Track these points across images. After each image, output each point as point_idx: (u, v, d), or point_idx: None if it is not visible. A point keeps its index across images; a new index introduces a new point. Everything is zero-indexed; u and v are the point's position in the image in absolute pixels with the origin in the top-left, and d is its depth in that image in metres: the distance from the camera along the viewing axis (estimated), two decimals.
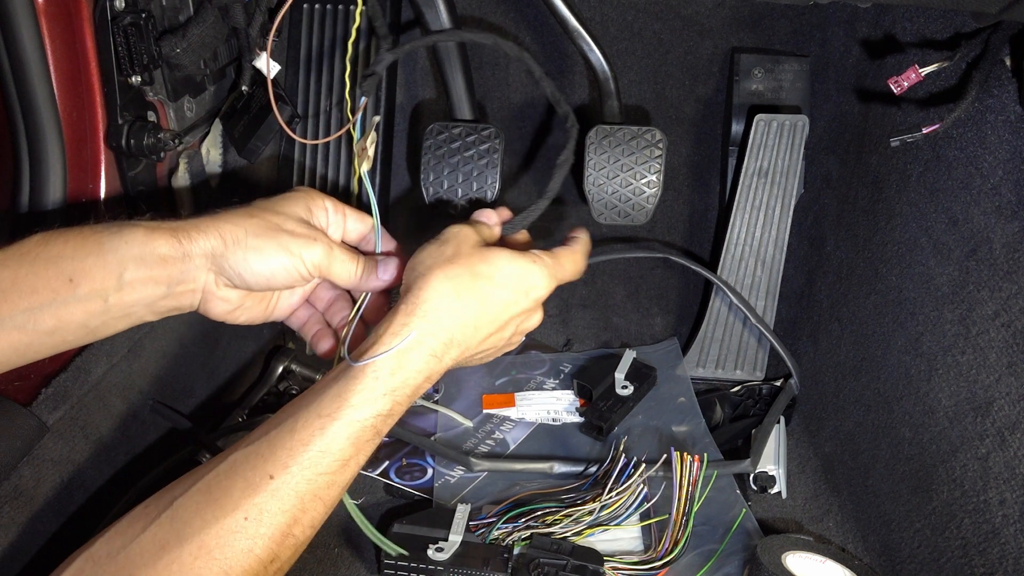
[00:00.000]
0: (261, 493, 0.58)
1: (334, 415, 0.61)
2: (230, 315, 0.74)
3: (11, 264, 0.64)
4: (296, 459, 0.59)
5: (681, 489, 0.94)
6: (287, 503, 0.59)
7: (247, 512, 0.57)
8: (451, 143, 1.09)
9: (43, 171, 0.92)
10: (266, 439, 0.61)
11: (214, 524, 0.56)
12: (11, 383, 0.85)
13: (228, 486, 0.58)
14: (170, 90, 1.03)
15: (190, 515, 0.57)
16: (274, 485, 0.58)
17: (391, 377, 0.64)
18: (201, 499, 0.58)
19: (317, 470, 0.60)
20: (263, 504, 0.58)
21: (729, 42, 1.29)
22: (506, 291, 0.69)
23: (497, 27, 1.32)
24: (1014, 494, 0.78)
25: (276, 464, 0.59)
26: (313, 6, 1.19)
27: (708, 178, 1.35)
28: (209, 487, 0.59)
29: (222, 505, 0.57)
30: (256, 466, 0.59)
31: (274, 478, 0.59)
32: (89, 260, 0.65)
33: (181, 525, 0.56)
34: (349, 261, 0.73)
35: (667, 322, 1.35)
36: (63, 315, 0.65)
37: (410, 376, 0.65)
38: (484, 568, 0.86)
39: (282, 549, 0.59)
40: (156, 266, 0.67)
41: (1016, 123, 0.86)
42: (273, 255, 0.69)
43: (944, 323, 0.92)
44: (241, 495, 0.58)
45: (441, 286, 0.66)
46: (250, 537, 0.57)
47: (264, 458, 0.59)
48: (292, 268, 0.70)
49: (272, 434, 0.61)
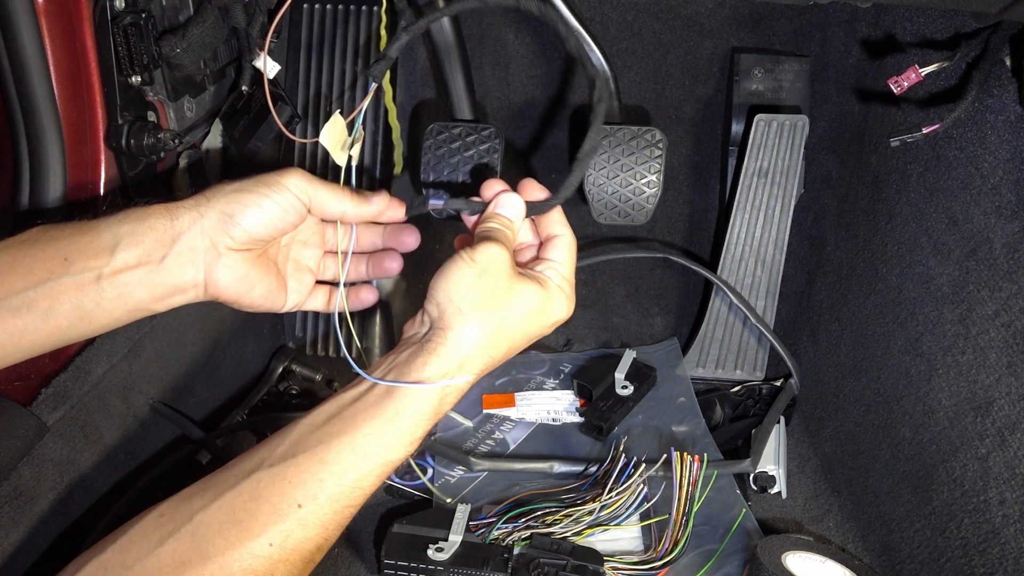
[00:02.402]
0: (288, 521, 0.57)
1: (370, 455, 0.60)
2: (241, 291, 0.71)
3: (10, 250, 0.65)
4: (327, 492, 0.59)
5: (681, 489, 0.94)
6: (313, 532, 0.58)
7: (272, 539, 0.57)
8: (451, 143, 1.09)
9: (43, 171, 0.92)
10: (294, 464, 0.59)
11: (238, 547, 0.56)
12: (11, 383, 0.85)
13: (254, 509, 0.57)
14: (170, 90, 1.03)
15: (212, 534, 0.56)
16: (302, 515, 0.58)
17: (428, 421, 0.63)
18: (224, 519, 0.57)
19: (346, 503, 0.60)
20: (289, 532, 0.57)
21: (729, 42, 1.29)
22: (534, 326, 0.68)
23: (497, 23, 1.32)
24: (1014, 494, 0.78)
25: (306, 494, 0.58)
26: (313, 6, 1.19)
27: (708, 178, 1.35)
28: (233, 507, 0.57)
29: (248, 528, 0.56)
30: (284, 493, 0.58)
31: (303, 507, 0.58)
32: (84, 239, 0.65)
33: (204, 544, 0.55)
34: (332, 185, 0.72)
35: (667, 322, 1.35)
36: (57, 293, 0.64)
37: (443, 412, 0.64)
38: (484, 568, 0.86)
39: (304, 572, 0.59)
40: (148, 237, 0.66)
41: (1016, 123, 0.86)
42: (256, 189, 0.69)
43: (944, 323, 0.92)
44: (267, 521, 0.57)
45: (481, 332, 0.64)
46: (273, 563, 0.56)
47: (293, 485, 0.58)
48: (278, 198, 0.69)
49: (300, 459, 0.59)
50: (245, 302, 0.72)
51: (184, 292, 0.69)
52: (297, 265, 0.76)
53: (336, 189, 0.72)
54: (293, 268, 0.76)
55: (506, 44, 1.32)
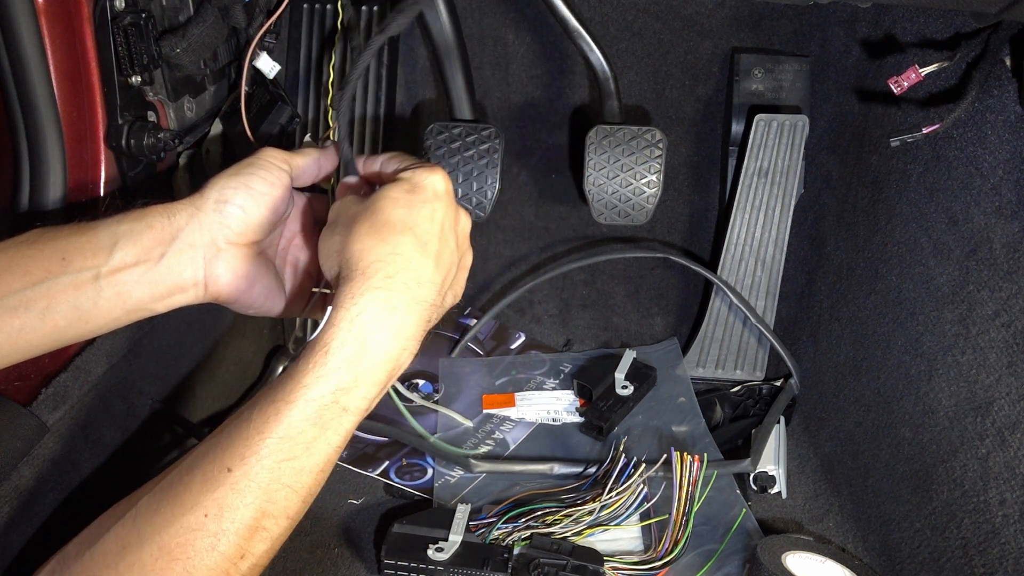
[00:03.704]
0: (220, 488, 0.55)
1: (288, 398, 0.58)
2: (242, 289, 0.70)
3: (8, 250, 0.64)
4: (253, 449, 0.56)
5: (681, 489, 0.94)
6: (249, 496, 0.56)
7: (207, 509, 0.55)
8: (451, 143, 1.09)
9: (43, 171, 0.92)
10: (225, 431, 0.58)
11: (173, 523, 0.54)
12: (11, 383, 0.84)
13: (188, 482, 0.56)
14: (170, 90, 1.02)
15: (150, 514, 0.55)
16: (233, 478, 0.56)
17: (343, 347, 0.59)
18: (161, 497, 0.56)
19: (278, 458, 0.57)
20: (223, 499, 0.55)
21: (729, 42, 1.29)
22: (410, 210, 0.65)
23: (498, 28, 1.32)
24: (1014, 494, 0.78)
25: (233, 456, 0.56)
26: (313, 6, 1.19)
27: (708, 178, 1.35)
28: (171, 484, 0.56)
29: (182, 502, 0.55)
30: (214, 459, 0.56)
31: (232, 471, 0.56)
32: (82, 239, 0.65)
33: (142, 524, 0.55)
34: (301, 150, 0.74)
35: (667, 322, 1.35)
36: (54, 292, 0.64)
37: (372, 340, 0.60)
38: (484, 568, 0.86)
39: (252, 544, 0.56)
40: (146, 236, 0.66)
41: (1016, 123, 0.86)
42: (241, 169, 0.70)
43: (944, 323, 0.92)
44: (200, 491, 0.55)
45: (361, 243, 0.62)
46: (211, 534, 0.55)
47: (222, 449, 0.57)
48: (264, 173, 0.70)
49: (232, 425, 0.58)
50: (244, 301, 0.71)
51: (184, 291, 0.69)
52: (295, 270, 0.77)
53: (305, 151, 0.73)
54: (291, 272, 0.77)
55: (506, 44, 1.32)
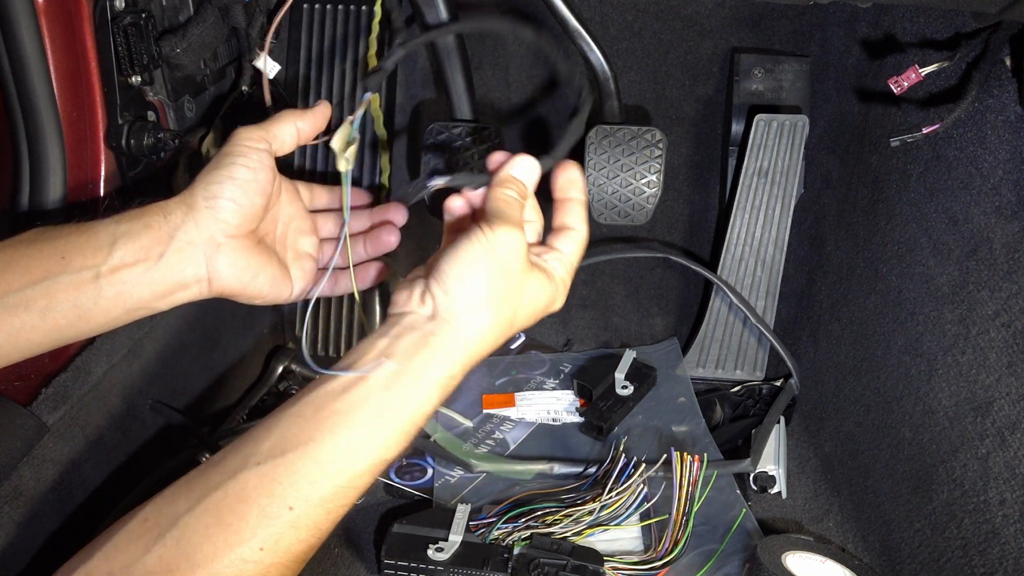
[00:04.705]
0: (279, 524, 0.55)
1: (367, 454, 0.57)
2: (246, 281, 0.70)
3: (8, 250, 0.65)
4: (320, 493, 0.56)
5: (681, 489, 0.94)
6: (305, 533, 0.56)
7: (263, 543, 0.54)
8: (451, 143, 1.09)
9: (43, 171, 0.92)
10: (284, 463, 0.56)
11: (227, 552, 0.53)
12: (11, 383, 0.85)
13: (242, 512, 0.54)
14: (170, 90, 1.03)
15: (200, 539, 0.54)
16: (293, 517, 0.55)
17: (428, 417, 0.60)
18: (211, 522, 0.54)
19: (340, 503, 0.57)
20: (281, 535, 0.55)
21: (729, 42, 1.29)
22: (534, 318, 0.66)
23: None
24: (1014, 494, 0.78)
25: (298, 496, 0.55)
26: (313, 6, 1.18)
27: (708, 178, 1.35)
28: (220, 510, 0.55)
29: (237, 531, 0.54)
30: (274, 494, 0.55)
31: (294, 510, 0.55)
32: (82, 238, 0.66)
33: (191, 549, 0.53)
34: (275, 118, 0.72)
35: (667, 322, 1.35)
36: (54, 291, 0.64)
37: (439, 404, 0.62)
38: (484, 568, 0.86)
39: (297, 568, 0.57)
40: (144, 235, 0.66)
41: (1016, 123, 0.86)
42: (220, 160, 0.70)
43: (944, 323, 0.92)
44: (257, 524, 0.54)
45: (491, 327, 0.62)
46: (265, 567, 0.54)
47: (283, 486, 0.55)
48: (244, 159, 0.69)
49: (290, 457, 0.56)
50: (251, 292, 0.71)
51: (187, 288, 0.69)
52: (297, 253, 0.77)
53: (281, 115, 0.72)
54: (293, 256, 0.76)
55: (506, 44, 1.32)
